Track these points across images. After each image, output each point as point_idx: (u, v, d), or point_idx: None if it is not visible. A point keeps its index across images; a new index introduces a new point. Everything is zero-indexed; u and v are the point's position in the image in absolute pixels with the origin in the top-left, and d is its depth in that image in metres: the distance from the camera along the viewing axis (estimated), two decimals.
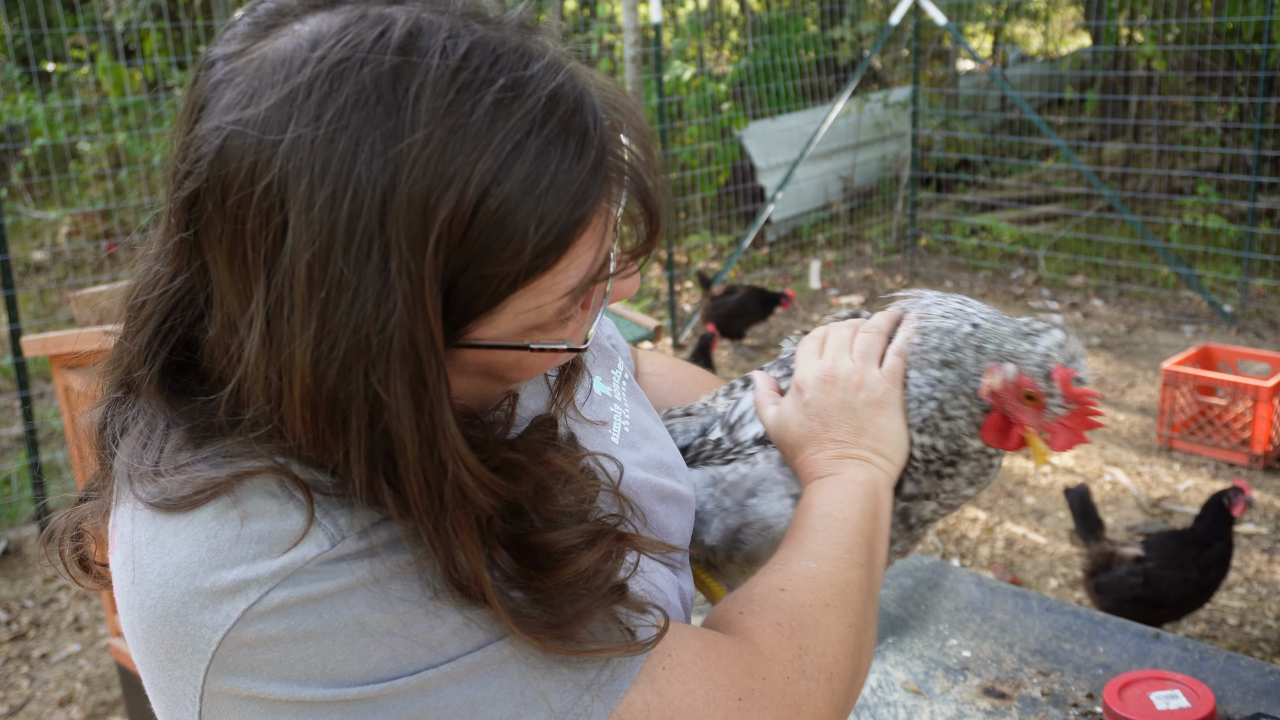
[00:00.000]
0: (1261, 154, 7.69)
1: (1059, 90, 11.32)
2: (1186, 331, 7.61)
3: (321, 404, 0.82)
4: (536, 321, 0.89)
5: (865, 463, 1.21)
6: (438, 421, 0.83)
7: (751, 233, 8.70)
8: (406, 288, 0.79)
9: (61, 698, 4.28)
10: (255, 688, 0.84)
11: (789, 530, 1.17)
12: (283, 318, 0.81)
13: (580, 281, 0.89)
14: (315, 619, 0.83)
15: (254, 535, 0.85)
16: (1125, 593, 4.02)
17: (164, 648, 0.88)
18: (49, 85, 8.50)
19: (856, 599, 1.10)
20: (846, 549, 1.12)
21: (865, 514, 1.17)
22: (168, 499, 0.88)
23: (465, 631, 0.87)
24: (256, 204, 0.80)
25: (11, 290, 5.39)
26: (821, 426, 1.24)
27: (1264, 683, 1.86)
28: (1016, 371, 1.20)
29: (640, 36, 8.45)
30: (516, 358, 0.92)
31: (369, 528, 0.87)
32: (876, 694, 1.93)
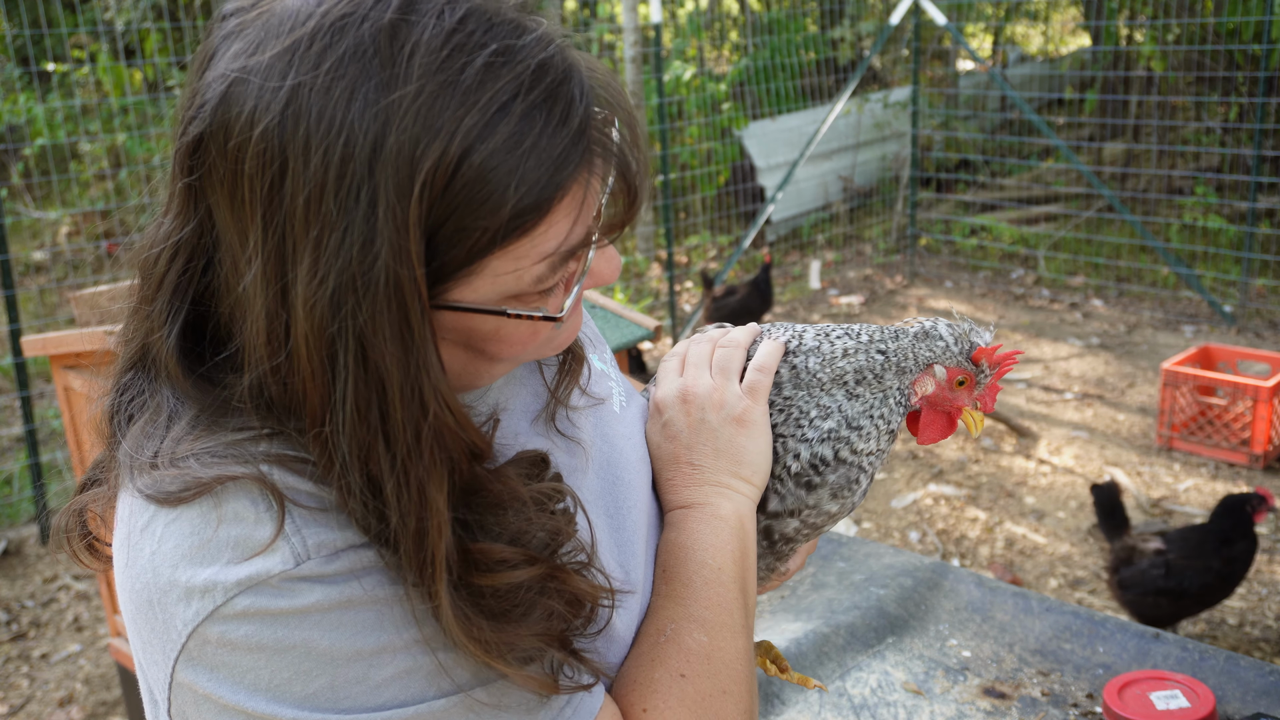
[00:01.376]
0: (1261, 154, 7.69)
1: (1059, 90, 11.33)
2: (1186, 331, 7.62)
3: (314, 340, 0.85)
4: (514, 288, 0.92)
5: (727, 490, 1.18)
6: (422, 361, 0.86)
7: (751, 233, 8.70)
8: (392, 231, 0.83)
9: (61, 698, 4.28)
10: (210, 687, 0.89)
11: (665, 572, 1.15)
12: (279, 255, 0.86)
13: (558, 249, 0.91)
14: (270, 634, 0.87)
15: (229, 539, 0.89)
16: (1148, 586, 4.03)
17: (146, 630, 0.93)
18: (49, 85, 8.50)
19: (745, 675, 1.11)
20: (729, 611, 1.12)
21: (737, 559, 1.16)
22: (160, 492, 0.92)
23: (405, 681, 0.90)
24: (255, 146, 0.85)
25: (11, 290, 5.39)
26: (683, 449, 1.21)
27: (1264, 683, 1.86)
28: (944, 370, 1.25)
29: (640, 36, 8.45)
30: (495, 326, 0.94)
31: (337, 552, 0.90)
32: (876, 694, 1.93)
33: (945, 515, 5.26)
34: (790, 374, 1.25)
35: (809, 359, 1.25)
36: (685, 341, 1.34)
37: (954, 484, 5.54)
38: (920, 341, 1.25)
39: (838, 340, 1.26)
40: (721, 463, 1.20)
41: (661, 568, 1.16)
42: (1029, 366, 7.07)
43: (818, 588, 2.29)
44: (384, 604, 0.90)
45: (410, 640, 0.90)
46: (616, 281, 8.46)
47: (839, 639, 2.06)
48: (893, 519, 5.26)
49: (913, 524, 5.19)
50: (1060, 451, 5.83)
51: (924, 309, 8.36)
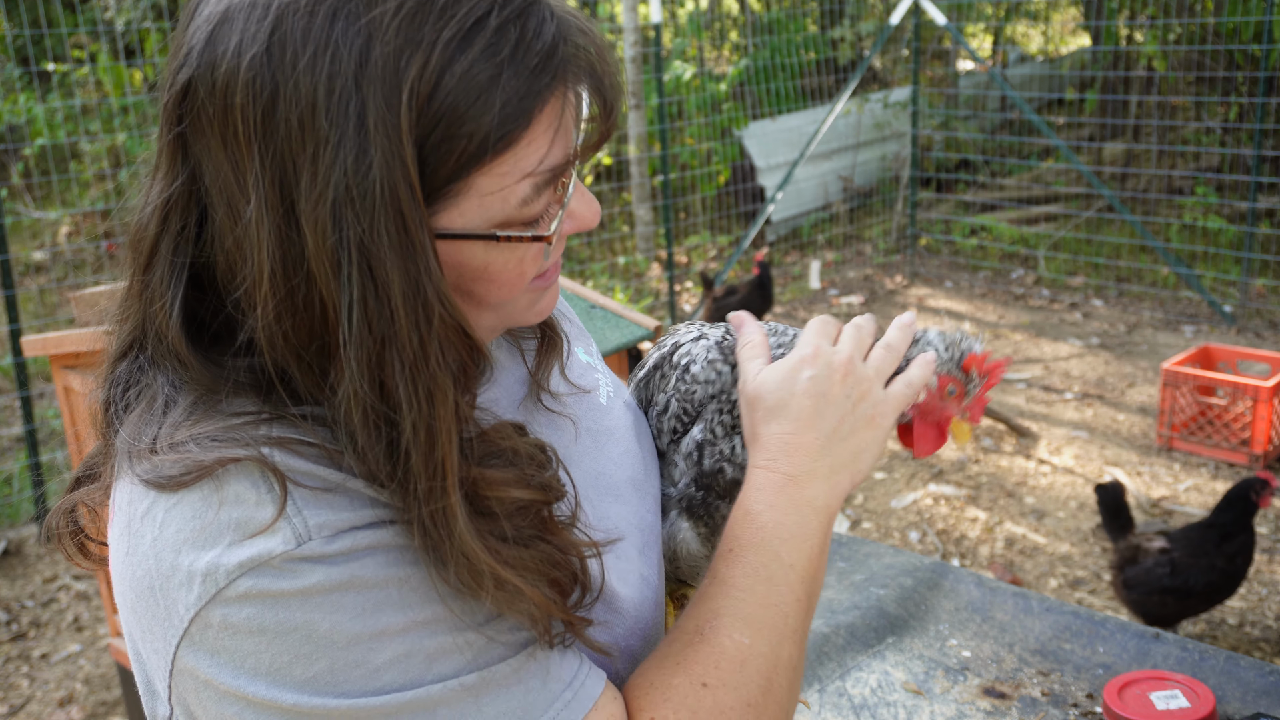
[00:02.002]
0: (1261, 154, 7.69)
1: (1059, 90, 11.33)
2: (1186, 331, 7.62)
3: (320, 255, 0.88)
4: (500, 212, 0.94)
5: (832, 478, 1.14)
6: (423, 266, 0.89)
7: (751, 233, 8.70)
8: (383, 140, 0.86)
9: (61, 698, 4.28)
10: (211, 673, 0.89)
11: (730, 552, 1.10)
12: (280, 180, 0.88)
13: (540, 166, 0.94)
14: (271, 616, 0.88)
15: (231, 521, 0.90)
16: (1153, 584, 4.03)
17: (147, 618, 0.93)
18: (49, 85, 8.50)
19: (782, 687, 1.06)
20: (784, 614, 1.07)
21: (814, 555, 1.12)
22: (160, 477, 0.93)
23: (404, 664, 0.90)
24: (244, 77, 0.88)
25: (11, 290, 5.39)
26: (812, 410, 1.15)
27: (1264, 683, 1.86)
28: (935, 379, 1.23)
29: (640, 36, 8.45)
30: (483, 261, 0.96)
31: (339, 532, 0.90)
32: (876, 694, 1.93)
33: (945, 515, 5.26)
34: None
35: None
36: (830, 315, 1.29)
37: (954, 484, 5.54)
38: (912, 350, 1.23)
39: None
40: (841, 448, 1.15)
41: (729, 545, 1.10)
42: (1029, 366, 7.07)
43: None
44: (384, 586, 0.91)
45: (410, 623, 0.91)
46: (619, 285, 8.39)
47: (839, 639, 2.06)
48: (893, 519, 5.26)
49: (913, 524, 5.20)
50: (1060, 451, 5.83)
51: (924, 309, 8.36)
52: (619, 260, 8.96)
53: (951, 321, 1.26)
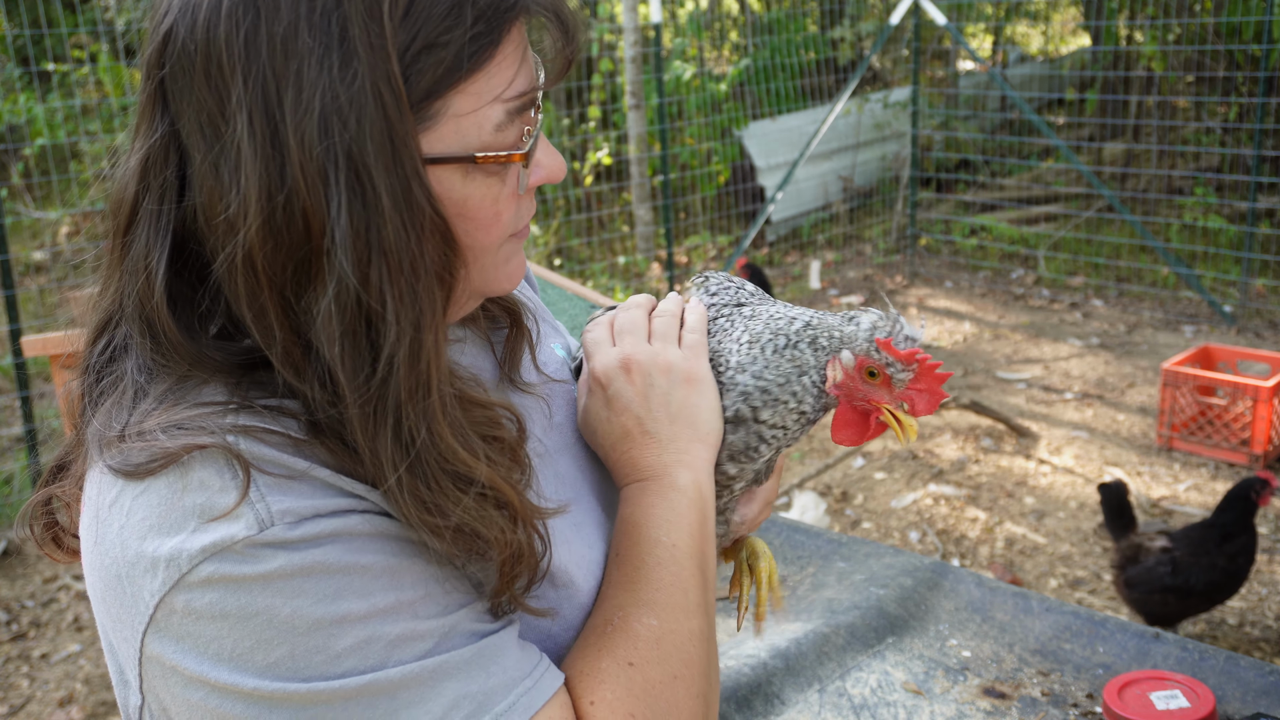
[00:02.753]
0: (1261, 154, 7.69)
1: (1059, 90, 11.33)
2: (1186, 331, 7.62)
3: (308, 167, 0.89)
4: (476, 138, 0.96)
5: (685, 457, 1.17)
6: (410, 169, 0.91)
7: (751, 233, 8.70)
8: (366, 51, 0.89)
9: (61, 698, 4.28)
10: (176, 658, 0.90)
11: (618, 557, 1.13)
12: (265, 100, 0.90)
13: (512, 92, 0.96)
14: (233, 600, 0.89)
15: (194, 507, 0.91)
16: (1155, 583, 4.04)
17: (115, 607, 0.94)
18: (49, 85, 8.50)
19: (700, 656, 1.10)
20: (682, 590, 1.11)
21: (694, 532, 1.14)
22: (127, 465, 0.94)
23: (364, 650, 0.91)
24: (225, 8, 0.90)
25: (11, 290, 5.39)
26: (633, 420, 1.18)
27: (1264, 683, 1.86)
28: (852, 356, 1.19)
29: (640, 36, 8.45)
30: (462, 194, 0.97)
31: (302, 519, 0.92)
32: (876, 694, 1.93)
33: (945, 515, 5.26)
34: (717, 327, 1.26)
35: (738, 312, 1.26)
36: (604, 313, 1.31)
37: (954, 484, 5.54)
38: (843, 324, 1.21)
39: (772, 305, 1.26)
40: (678, 428, 1.18)
41: (614, 551, 1.14)
42: (1029, 366, 7.07)
43: (818, 588, 2.29)
44: (347, 573, 0.92)
45: (371, 609, 0.92)
46: (619, 285, 8.36)
47: (839, 639, 2.06)
48: (893, 519, 5.26)
49: (913, 524, 5.20)
50: (1060, 451, 5.83)
51: (924, 309, 8.36)
52: (619, 260, 8.96)
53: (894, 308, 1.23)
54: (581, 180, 9.19)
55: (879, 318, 1.20)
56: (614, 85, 9.47)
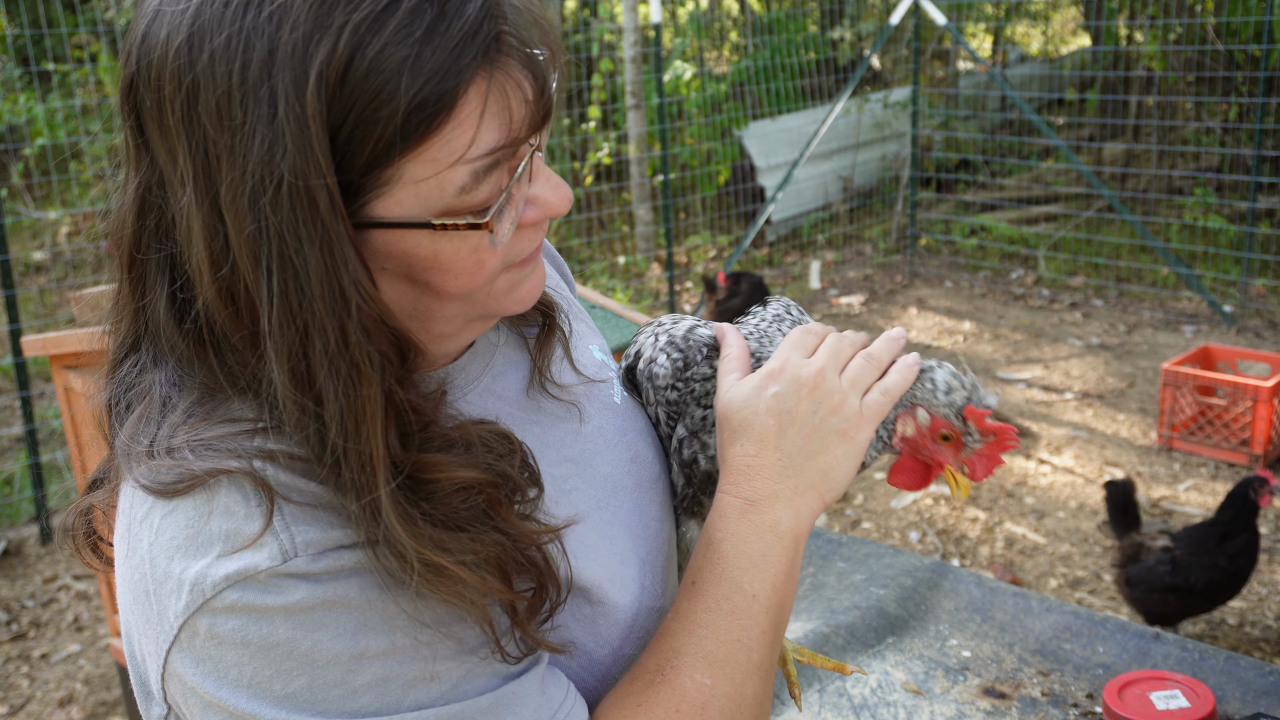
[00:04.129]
0: (1261, 154, 7.69)
1: (1059, 90, 11.33)
2: (1186, 331, 7.62)
3: (240, 244, 0.88)
4: (439, 201, 0.91)
5: (797, 500, 1.10)
6: (339, 257, 0.88)
7: (751, 233, 8.70)
8: (294, 130, 0.85)
9: (61, 698, 4.28)
10: (197, 680, 0.91)
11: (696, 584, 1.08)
12: (206, 169, 0.89)
13: (475, 153, 0.91)
14: (255, 630, 0.89)
15: (220, 533, 0.91)
16: (1155, 583, 4.04)
17: (143, 619, 0.94)
18: (49, 85, 8.50)
19: (744, 718, 1.05)
20: (748, 648, 1.05)
21: (779, 584, 1.08)
22: (156, 483, 0.94)
23: (382, 688, 0.91)
24: (170, 68, 0.89)
25: (11, 290, 5.39)
26: (777, 430, 1.12)
27: (1264, 683, 1.86)
28: (928, 416, 1.16)
29: (640, 36, 8.45)
30: (431, 251, 0.93)
31: (324, 551, 0.91)
32: (876, 694, 1.93)
33: (945, 515, 5.26)
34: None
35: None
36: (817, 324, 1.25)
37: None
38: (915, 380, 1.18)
39: None
40: (808, 467, 1.11)
41: (692, 576, 1.09)
42: (1029, 366, 7.07)
43: (818, 588, 2.29)
44: (367, 608, 0.91)
45: (390, 647, 0.91)
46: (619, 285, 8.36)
47: (839, 639, 2.06)
48: (893, 519, 5.26)
49: (913, 524, 5.20)
50: (1060, 451, 5.83)
51: (924, 309, 8.36)
52: (619, 260, 8.96)
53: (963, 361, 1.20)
54: (581, 180, 9.19)
55: (952, 376, 1.17)
56: (614, 85, 9.47)
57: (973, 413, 1.15)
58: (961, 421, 1.16)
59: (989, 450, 1.16)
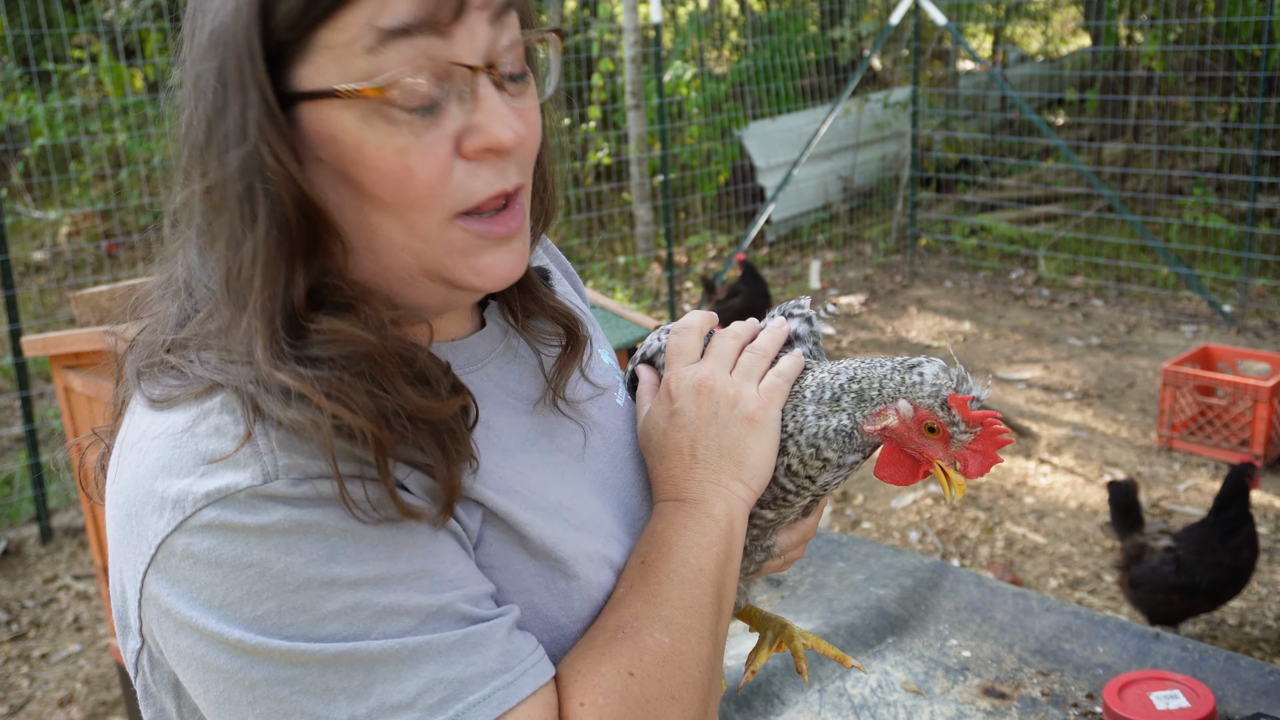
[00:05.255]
0: (1261, 154, 7.69)
1: (1059, 90, 11.33)
2: (1186, 331, 7.62)
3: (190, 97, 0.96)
4: (352, 68, 0.93)
5: (724, 490, 1.17)
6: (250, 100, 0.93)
7: (751, 233, 8.70)
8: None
9: (61, 698, 4.28)
10: (171, 601, 0.92)
11: (645, 563, 1.13)
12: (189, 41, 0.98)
13: (387, 18, 0.92)
14: (230, 549, 0.90)
15: (205, 452, 0.93)
16: (1160, 583, 4.03)
17: (124, 545, 0.96)
18: (49, 85, 8.50)
19: (703, 683, 1.09)
20: (699, 615, 1.10)
21: (719, 561, 1.14)
22: (156, 389, 0.98)
23: (350, 617, 0.92)
24: None
25: (11, 290, 5.39)
26: (687, 440, 1.19)
27: (1264, 683, 1.86)
28: (911, 407, 1.16)
29: (640, 36, 8.45)
30: (356, 138, 0.95)
31: (306, 478, 0.93)
32: (876, 694, 1.93)
33: (945, 515, 5.26)
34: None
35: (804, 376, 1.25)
36: (695, 315, 1.31)
37: None
38: (898, 372, 1.17)
39: (835, 365, 1.24)
40: (725, 462, 1.18)
41: (639, 558, 1.14)
42: (1029, 366, 7.07)
43: (818, 588, 2.29)
44: (340, 536, 0.92)
45: (362, 577, 0.92)
46: (619, 285, 8.34)
47: (839, 639, 2.06)
48: (893, 519, 5.26)
49: (913, 524, 5.20)
50: (1060, 451, 5.83)
51: (924, 309, 8.36)
52: (619, 260, 8.96)
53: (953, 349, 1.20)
54: (582, 180, 9.19)
55: (941, 370, 1.16)
56: (614, 85, 9.47)
57: (956, 399, 1.14)
58: (945, 411, 1.14)
59: (983, 446, 1.15)
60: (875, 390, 1.18)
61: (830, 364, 1.25)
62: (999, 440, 1.15)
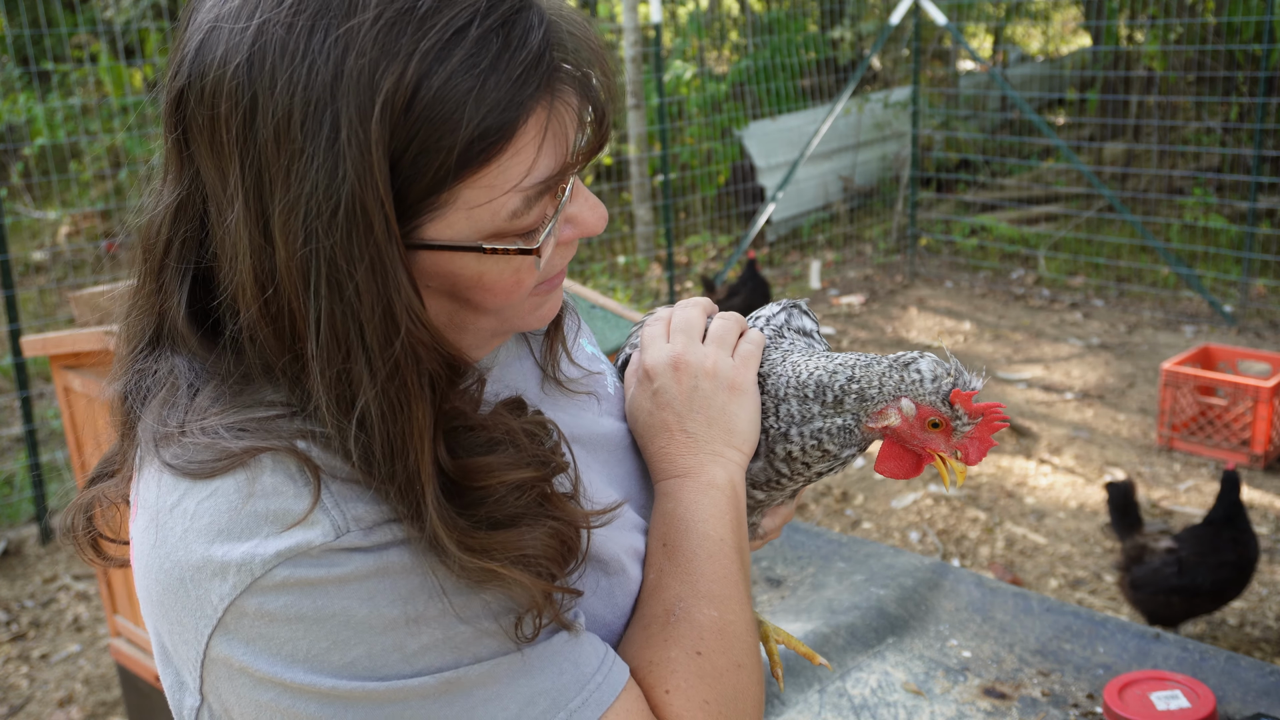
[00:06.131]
0: (1261, 154, 7.69)
1: (1059, 90, 11.33)
2: (1186, 331, 7.62)
3: (291, 266, 0.89)
4: (490, 224, 0.93)
5: (720, 459, 1.19)
6: (393, 282, 0.89)
7: (751, 233, 8.70)
8: (355, 154, 0.86)
9: (61, 698, 4.28)
10: (246, 660, 0.90)
11: (666, 547, 1.14)
12: (258, 189, 0.89)
13: (528, 179, 0.93)
14: (309, 603, 0.89)
15: (268, 513, 0.91)
16: (1161, 585, 4.02)
17: (176, 610, 0.93)
18: (49, 85, 8.50)
19: (755, 646, 1.13)
20: (734, 583, 1.13)
21: (734, 527, 1.17)
22: (190, 463, 0.93)
23: (440, 649, 0.92)
24: (228, 86, 0.89)
25: (11, 290, 5.39)
26: (675, 417, 1.21)
27: (1264, 683, 1.86)
28: (914, 406, 1.17)
29: (640, 36, 8.45)
30: (477, 271, 0.96)
31: (376, 525, 0.92)
32: (876, 694, 1.93)
33: (945, 515, 5.26)
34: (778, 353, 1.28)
35: (786, 358, 1.26)
36: (666, 308, 1.34)
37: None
38: (895, 370, 1.18)
39: (816, 356, 1.25)
40: (715, 431, 1.20)
41: (661, 542, 1.15)
42: (1029, 366, 7.07)
43: (818, 588, 2.29)
44: (419, 573, 0.92)
45: (445, 609, 0.92)
46: (619, 285, 8.37)
47: (839, 639, 2.06)
48: (893, 519, 5.26)
49: (913, 524, 5.20)
50: (1060, 451, 5.83)
51: (924, 309, 8.36)
52: (619, 260, 8.96)
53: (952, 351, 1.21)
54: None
55: (936, 364, 1.18)
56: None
57: (960, 395, 1.16)
58: (949, 406, 1.16)
59: (979, 432, 1.17)
60: (875, 389, 1.19)
61: (824, 357, 1.25)
62: (998, 425, 1.18)
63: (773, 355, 1.27)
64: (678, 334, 1.27)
